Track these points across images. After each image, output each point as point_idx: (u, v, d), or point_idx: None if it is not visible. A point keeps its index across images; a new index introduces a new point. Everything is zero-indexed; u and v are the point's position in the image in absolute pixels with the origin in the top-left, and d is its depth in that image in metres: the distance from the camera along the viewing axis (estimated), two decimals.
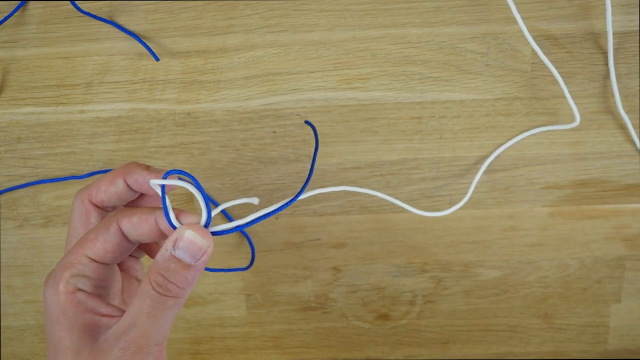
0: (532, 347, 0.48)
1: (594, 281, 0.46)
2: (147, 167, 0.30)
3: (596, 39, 0.40)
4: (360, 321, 0.47)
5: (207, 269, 0.32)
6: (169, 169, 0.29)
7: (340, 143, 0.43)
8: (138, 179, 0.29)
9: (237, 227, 0.28)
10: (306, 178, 0.30)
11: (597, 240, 0.45)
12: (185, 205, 0.45)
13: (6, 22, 0.41)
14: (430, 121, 0.42)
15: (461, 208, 0.44)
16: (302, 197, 0.30)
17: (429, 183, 0.43)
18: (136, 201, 0.32)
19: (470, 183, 0.43)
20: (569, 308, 0.46)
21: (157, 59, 0.41)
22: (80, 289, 0.27)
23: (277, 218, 0.44)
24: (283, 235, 0.45)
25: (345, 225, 0.45)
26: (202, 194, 0.28)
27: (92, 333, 0.27)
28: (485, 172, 0.43)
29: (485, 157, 0.43)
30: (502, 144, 0.43)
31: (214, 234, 0.28)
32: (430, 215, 0.41)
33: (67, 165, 0.44)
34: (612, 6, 0.39)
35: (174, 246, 0.27)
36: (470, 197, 0.44)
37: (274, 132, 0.43)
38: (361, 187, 0.44)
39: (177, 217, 0.28)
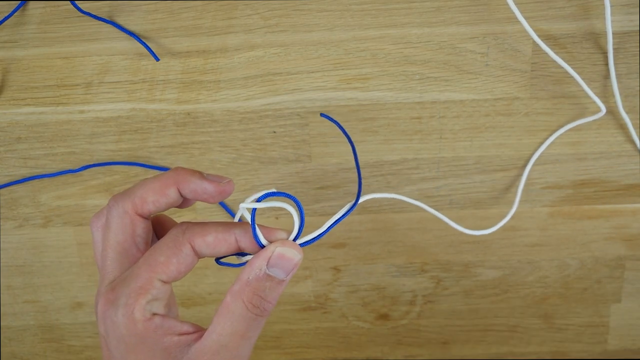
0: (532, 347, 0.48)
1: (594, 281, 0.46)
2: (200, 174, 0.28)
3: (596, 39, 0.40)
4: (360, 321, 0.47)
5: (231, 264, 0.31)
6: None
7: (340, 143, 0.43)
8: (196, 189, 0.27)
9: (320, 234, 0.29)
10: (358, 181, 0.31)
11: (597, 240, 0.45)
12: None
13: (6, 22, 0.41)
14: (430, 121, 0.42)
15: (461, 208, 0.44)
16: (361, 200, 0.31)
17: (429, 183, 0.43)
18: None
19: (471, 183, 0.43)
20: (569, 308, 0.46)
21: (157, 59, 0.41)
22: (155, 314, 0.26)
23: (277, 218, 0.44)
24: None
25: (345, 225, 0.45)
26: (300, 211, 0.28)
27: (174, 355, 0.26)
28: (485, 172, 0.43)
29: (483, 157, 0.43)
30: (501, 144, 0.43)
31: (301, 245, 0.28)
32: (477, 233, 0.42)
33: (67, 165, 0.44)
34: (612, 6, 0.39)
35: (267, 264, 0.27)
36: (470, 197, 0.44)
37: (274, 132, 0.43)
38: (362, 187, 0.43)
39: (264, 235, 0.28)
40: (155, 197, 0.27)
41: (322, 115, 0.32)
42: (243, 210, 0.28)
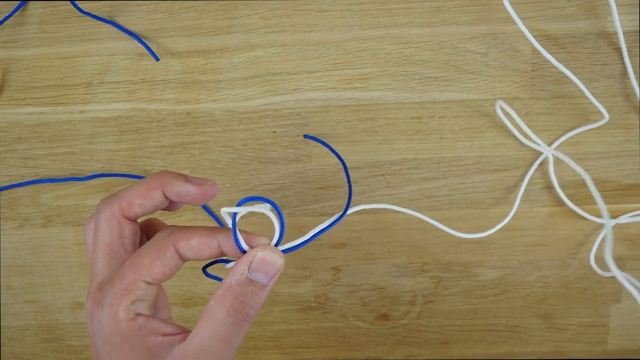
0: (532, 347, 0.48)
1: (594, 281, 0.46)
2: (185, 177, 0.29)
3: (596, 39, 0.40)
4: (360, 321, 0.47)
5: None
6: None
7: (340, 143, 0.43)
8: (180, 192, 0.28)
9: (302, 243, 0.29)
10: (348, 192, 0.31)
11: (597, 240, 0.45)
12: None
13: (6, 22, 0.41)
14: (430, 121, 0.42)
15: (461, 208, 0.44)
16: (349, 211, 0.32)
17: (429, 183, 0.44)
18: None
19: (471, 183, 0.43)
20: (569, 308, 0.46)
21: (157, 59, 0.41)
22: (139, 314, 0.27)
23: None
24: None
25: (345, 225, 0.45)
26: (280, 217, 0.28)
27: (157, 355, 0.27)
28: (485, 172, 0.43)
29: (483, 157, 0.43)
30: (501, 144, 0.43)
31: (283, 251, 0.29)
32: (471, 237, 0.42)
33: (67, 165, 0.44)
34: (610, 6, 0.39)
35: (248, 269, 0.27)
36: (470, 197, 0.44)
37: (274, 132, 0.43)
38: (361, 187, 0.44)
39: (245, 240, 0.28)
40: (141, 200, 0.28)
41: (305, 136, 0.32)
42: (224, 214, 0.28)
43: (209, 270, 0.31)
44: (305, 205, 0.44)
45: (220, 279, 0.30)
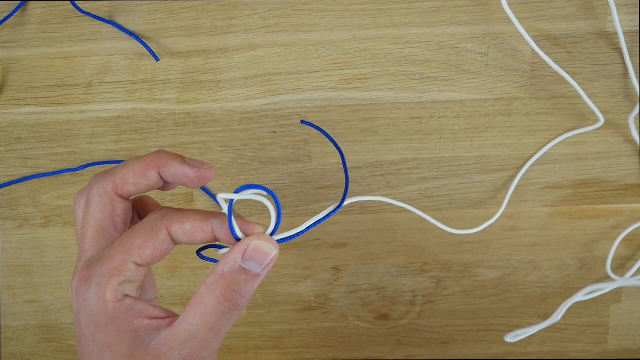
0: (532, 347, 0.48)
1: (594, 281, 0.46)
2: (182, 158, 0.28)
3: (596, 39, 0.40)
4: (360, 321, 0.47)
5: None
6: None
7: (340, 143, 0.43)
8: (176, 173, 0.28)
9: (298, 233, 0.29)
10: (345, 183, 0.31)
11: (597, 240, 0.45)
12: (186, 204, 0.45)
13: (6, 22, 0.41)
14: (430, 121, 0.42)
15: (461, 208, 0.44)
16: (346, 202, 0.31)
17: (429, 183, 0.44)
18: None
19: (471, 183, 0.43)
20: (569, 308, 0.46)
21: (157, 59, 0.41)
22: (127, 295, 0.26)
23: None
24: None
25: (345, 225, 0.45)
26: (277, 206, 0.28)
27: (143, 337, 0.26)
28: (485, 172, 0.43)
29: (483, 157, 0.43)
30: (501, 144, 0.43)
31: (278, 241, 0.28)
32: (461, 232, 0.42)
33: (67, 165, 0.44)
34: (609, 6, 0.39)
35: (242, 257, 0.27)
36: (470, 197, 0.44)
37: (274, 132, 0.43)
38: (361, 187, 0.44)
39: (241, 228, 0.28)
40: (135, 178, 0.28)
41: (302, 122, 0.32)
42: (221, 201, 0.28)
43: (203, 253, 0.30)
44: (305, 205, 0.44)
45: (216, 261, 0.29)
